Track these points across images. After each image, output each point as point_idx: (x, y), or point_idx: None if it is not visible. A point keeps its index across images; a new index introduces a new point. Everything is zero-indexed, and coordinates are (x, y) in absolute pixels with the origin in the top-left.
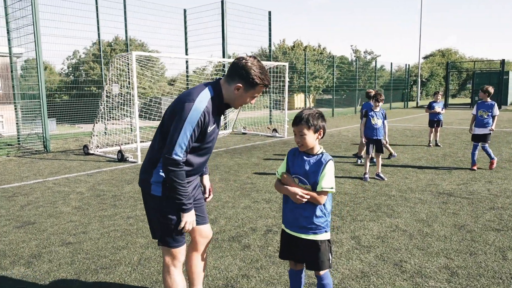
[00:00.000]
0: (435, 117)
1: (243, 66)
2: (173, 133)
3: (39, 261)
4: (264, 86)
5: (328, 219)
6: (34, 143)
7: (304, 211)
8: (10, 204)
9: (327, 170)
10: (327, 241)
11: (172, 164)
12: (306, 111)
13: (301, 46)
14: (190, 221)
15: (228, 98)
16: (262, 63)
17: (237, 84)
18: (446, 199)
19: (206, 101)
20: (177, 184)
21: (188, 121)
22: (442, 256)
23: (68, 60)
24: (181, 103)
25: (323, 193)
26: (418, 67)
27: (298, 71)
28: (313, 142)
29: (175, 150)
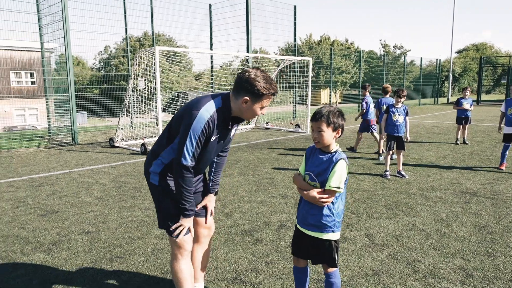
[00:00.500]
0: (463, 113)
1: (247, 79)
2: (180, 140)
3: (58, 248)
4: (271, 95)
5: (337, 219)
6: (63, 136)
7: (311, 209)
8: (36, 193)
9: (336, 169)
10: (334, 241)
11: (180, 169)
12: (326, 107)
13: (328, 41)
14: (186, 226)
15: (237, 111)
16: (267, 73)
17: (244, 97)
18: (469, 198)
19: (211, 110)
20: (183, 190)
21: (193, 129)
22: (458, 257)
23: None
24: (188, 111)
25: (331, 192)
26: (450, 62)
27: (324, 66)
28: (330, 140)
29: (183, 156)
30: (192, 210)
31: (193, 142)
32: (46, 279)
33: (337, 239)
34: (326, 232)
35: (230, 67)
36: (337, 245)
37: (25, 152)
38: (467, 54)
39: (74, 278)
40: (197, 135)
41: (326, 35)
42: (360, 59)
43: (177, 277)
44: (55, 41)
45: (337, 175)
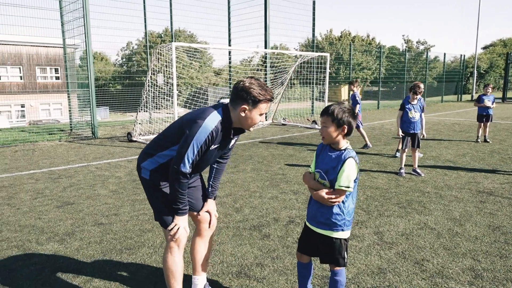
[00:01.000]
0: (485, 111)
1: (242, 88)
2: (182, 147)
3: (71, 238)
4: (267, 100)
5: (347, 218)
6: (83, 130)
7: (321, 207)
8: (54, 185)
9: (345, 168)
10: (344, 240)
11: (178, 175)
12: (335, 104)
13: (349, 36)
14: (182, 226)
15: (237, 121)
16: (261, 81)
17: (242, 106)
18: (485, 198)
19: (216, 121)
20: (178, 193)
21: (196, 139)
22: (468, 257)
23: (122, 51)
24: (193, 120)
25: (340, 191)
26: (474, 58)
27: (344, 62)
28: (334, 137)
29: (183, 163)
30: (186, 208)
31: (195, 151)
32: (57, 268)
33: (346, 237)
34: (336, 231)
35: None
36: (346, 244)
37: (47, 146)
38: (493, 50)
39: (84, 268)
40: (199, 144)
41: (346, 31)
42: (381, 55)
43: (170, 269)
44: (77, 37)
45: (346, 174)
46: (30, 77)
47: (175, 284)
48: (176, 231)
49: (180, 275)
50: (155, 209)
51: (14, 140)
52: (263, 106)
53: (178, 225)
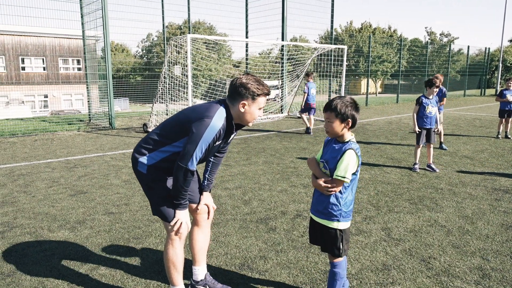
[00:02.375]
0: (507, 106)
1: (240, 84)
2: (191, 145)
3: (82, 226)
4: (265, 95)
5: (343, 209)
6: (101, 120)
7: (320, 196)
8: (69, 174)
9: (344, 158)
10: (339, 231)
11: (185, 172)
12: (337, 99)
13: (370, 28)
14: (184, 220)
15: (237, 117)
16: (257, 76)
17: (241, 102)
18: (501, 196)
19: (223, 119)
20: (182, 189)
21: (204, 138)
22: (477, 256)
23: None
24: (200, 118)
25: (337, 181)
26: (500, 51)
27: (364, 54)
28: (339, 131)
29: (191, 161)
30: (187, 203)
31: (203, 149)
32: (66, 255)
33: (343, 228)
34: (332, 221)
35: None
36: (342, 235)
37: (65, 135)
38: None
39: (91, 255)
40: (208, 143)
41: (367, 22)
42: (402, 47)
43: (171, 260)
44: (96, 29)
45: (344, 164)
46: (53, 68)
47: (176, 275)
48: (179, 225)
49: (181, 266)
50: (153, 203)
51: (35, 130)
52: (261, 100)
53: (180, 220)
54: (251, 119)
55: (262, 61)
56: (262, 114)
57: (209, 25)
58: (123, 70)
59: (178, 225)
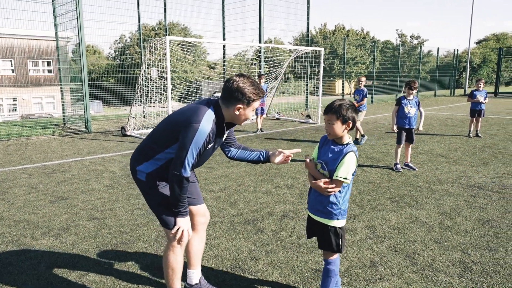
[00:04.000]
0: (477, 106)
1: (236, 89)
2: (181, 152)
3: (66, 233)
4: (260, 98)
5: (342, 207)
6: (77, 124)
7: (319, 196)
8: (48, 180)
9: (345, 161)
10: (339, 228)
11: (179, 180)
12: (338, 101)
13: (343, 31)
14: (185, 228)
15: (230, 118)
16: (251, 78)
17: (236, 106)
18: (476, 192)
19: (211, 122)
20: (179, 196)
21: (194, 143)
22: (458, 250)
23: (115, 44)
24: (188, 123)
25: (337, 182)
26: (468, 53)
27: (338, 56)
28: (340, 132)
29: (184, 168)
30: (187, 210)
31: (194, 154)
32: (53, 263)
33: (341, 226)
34: (332, 219)
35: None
36: (341, 232)
37: (40, 140)
38: (486, 45)
39: (79, 262)
40: (198, 148)
41: (341, 25)
42: (375, 49)
43: (172, 267)
44: (70, 30)
45: (345, 166)
46: (22, 70)
47: (176, 281)
48: (180, 233)
49: (181, 271)
50: (155, 211)
51: (7, 135)
52: (256, 103)
53: (181, 228)
54: (244, 120)
55: (238, 63)
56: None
57: (184, 27)
58: (95, 72)
59: (179, 233)
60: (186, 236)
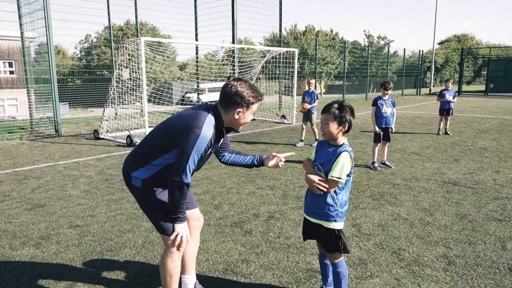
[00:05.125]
0: (446, 105)
1: (235, 93)
2: (182, 158)
3: (47, 242)
4: (259, 101)
5: (340, 209)
6: (46, 127)
7: (316, 198)
8: (21, 187)
9: (339, 160)
10: (337, 230)
11: (180, 186)
12: (337, 103)
13: (313, 31)
14: (184, 234)
15: (229, 123)
16: (248, 82)
17: (236, 110)
18: (451, 188)
19: (212, 127)
20: (179, 203)
21: (196, 149)
22: (441, 245)
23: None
24: (189, 129)
25: (332, 182)
26: (432, 53)
27: (309, 56)
28: (335, 133)
29: (185, 174)
30: (185, 215)
31: (195, 160)
32: (37, 273)
33: (340, 228)
34: (329, 221)
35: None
36: (340, 234)
37: (7, 145)
38: (448, 45)
39: (65, 272)
40: (199, 154)
41: (311, 25)
42: (345, 49)
43: (169, 273)
44: (36, 31)
45: (339, 166)
46: None
47: (174, 287)
48: (180, 240)
49: (178, 278)
50: (151, 217)
51: None
52: (255, 106)
53: (180, 234)
54: (243, 123)
55: (209, 63)
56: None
57: (152, 27)
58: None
59: (179, 239)
60: (185, 242)
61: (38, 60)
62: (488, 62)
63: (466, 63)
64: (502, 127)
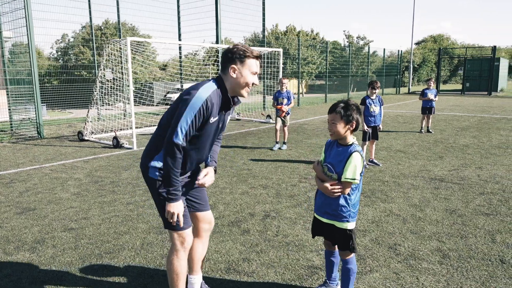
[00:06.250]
0: (428, 104)
1: (229, 51)
2: (176, 117)
3: (43, 246)
4: (254, 57)
5: (352, 210)
6: (27, 129)
7: (327, 198)
8: (8, 191)
9: (351, 161)
10: (348, 230)
11: (171, 147)
12: (343, 102)
13: (294, 31)
14: (176, 212)
15: (231, 87)
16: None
17: (230, 67)
18: (438, 184)
19: (210, 91)
20: (171, 171)
21: (190, 107)
22: (434, 239)
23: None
24: (186, 92)
25: (346, 184)
26: (410, 53)
27: (291, 56)
28: (343, 132)
29: (176, 133)
30: (178, 195)
31: (188, 120)
32: (36, 278)
33: (352, 228)
34: (341, 222)
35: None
36: (351, 233)
37: None
38: (425, 45)
39: (64, 276)
40: (193, 113)
41: (292, 26)
42: (327, 49)
43: (176, 272)
44: (13, 30)
45: (352, 167)
46: None
47: (181, 286)
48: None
49: (185, 276)
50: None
51: None
52: (251, 62)
53: (175, 213)
54: (245, 84)
55: (189, 62)
56: (257, 81)
57: (131, 26)
58: None
59: (175, 218)
60: (181, 220)
61: (12, 60)
62: (464, 62)
63: (442, 63)
64: (480, 125)
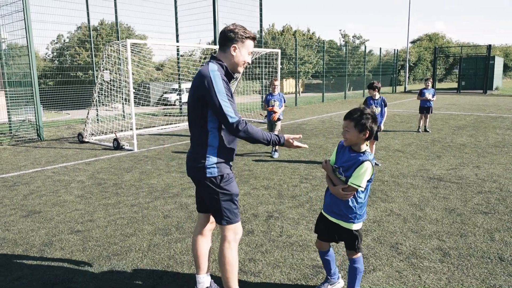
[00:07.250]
0: (426, 103)
1: (229, 30)
2: (217, 107)
3: (51, 249)
4: (252, 39)
5: (359, 212)
6: (26, 131)
7: (336, 199)
8: (12, 194)
9: (361, 169)
10: (355, 231)
11: (236, 130)
12: (359, 110)
13: (291, 31)
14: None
15: (230, 64)
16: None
17: (232, 46)
18: (437, 183)
19: (216, 67)
20: (254, 136)
21: (218, 90)
22: (434, 238)
23: (52, 44)
24: (202, 82)
25: (351, 188)
26: (406, 52)
27: (288, 56)
28: (356, 140)
29: (228, 117)
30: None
31: (226, 99)
32: (47, 280)
33: (358, 229)
34: (348, 222)
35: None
36: (357, 234)
37: None
38: (421, 44)
39: (75, 277)
40: (224, 93)
41: (288, 25)
42: (324, 49)
43: (231, 265)
44: (11, 33)
45: (360, 174)
46: None
47: (234, 278)
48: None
49: (237, 268)
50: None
51: None
52: (250, 43)
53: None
54: (242, 63)
55: (186, 63)
56: (250, 60)
57: (127, 26)
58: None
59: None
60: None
61: (6, 62)
62: (460, 60)
63: (438, 61)
64: (477, 123)
